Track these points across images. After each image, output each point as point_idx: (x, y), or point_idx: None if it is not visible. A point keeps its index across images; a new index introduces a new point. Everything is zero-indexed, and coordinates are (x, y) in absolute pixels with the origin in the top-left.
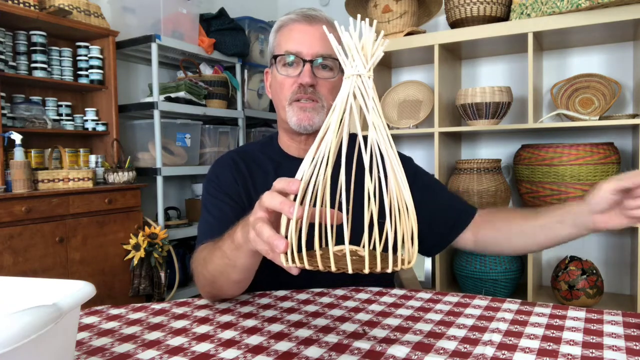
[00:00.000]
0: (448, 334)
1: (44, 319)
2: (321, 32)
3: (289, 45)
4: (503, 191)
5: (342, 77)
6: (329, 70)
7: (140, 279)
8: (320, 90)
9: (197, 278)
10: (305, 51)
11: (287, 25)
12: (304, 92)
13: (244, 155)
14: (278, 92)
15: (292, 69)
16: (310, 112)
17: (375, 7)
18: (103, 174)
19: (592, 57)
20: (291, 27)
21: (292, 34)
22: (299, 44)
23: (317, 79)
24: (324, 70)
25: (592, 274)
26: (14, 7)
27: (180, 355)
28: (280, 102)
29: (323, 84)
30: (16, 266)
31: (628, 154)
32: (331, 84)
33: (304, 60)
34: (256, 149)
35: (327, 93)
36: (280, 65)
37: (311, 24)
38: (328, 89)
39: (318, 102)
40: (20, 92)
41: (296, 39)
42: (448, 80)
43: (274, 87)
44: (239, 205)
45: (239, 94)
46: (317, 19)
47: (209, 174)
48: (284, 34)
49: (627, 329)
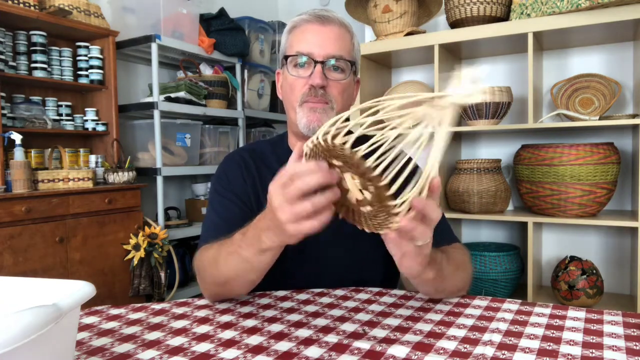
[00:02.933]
0: (448, 334)
1: (44, 319)
2: (334, 33)
3: (300, 46)
4: (503, 191)
5: (352, 80)
6: (341, 72)
7: (140, 279)
8: (331, 92)
9: (203, 278)
10: (317, 52)
11: (300, 25)
12: (315, 94)
13: (253, 154)
14: (289, 93)
15: (303, 70)
16: (320, 113)
17: (375, 7)
18: (103, 174)
19: (592, 57)
20: (304, 28)
21: (304, 35)
22: (310, 44)
23: (328, 80)
24: (335, 72)
25: (592, 274)
26: (14, 7)
27: (180, 355)
28: (290, 104)
29: (334, 86)
30: (16, 266)
31: (628, 154)
32: (342, 85)
33: (315, 61)
34: (266, 148)
35: (338, 95)
36: (291, 66)
37: (324, 24)
38: (339, 91)
39: (328, 103)
40: (20, 92)
41: (308, 40)
42: (448, 80)
43: (285, 88)
44: (246, 206)
45: (239, 94)
46: (329, 20)
47: (218, 171)
48: (296, 34)
49: (627, 329)
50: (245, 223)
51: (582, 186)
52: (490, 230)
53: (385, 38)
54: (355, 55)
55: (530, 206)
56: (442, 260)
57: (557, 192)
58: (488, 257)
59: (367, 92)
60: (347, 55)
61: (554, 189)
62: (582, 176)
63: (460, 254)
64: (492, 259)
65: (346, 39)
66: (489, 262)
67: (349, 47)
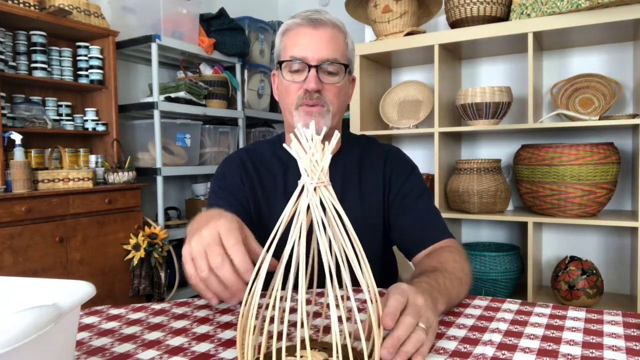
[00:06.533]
0: (448, 334)
1: (44, 319)
2: (327, 35)
3: (294, 50)
4: (503, 191)
5: (347, 81)
6: (335, 75)
7: (140, 279)
8: (326, 95)
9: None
10: (311, 56)
11: (293, 29)
12: (310, 98)
13: (252, 154)
14: (284, 96)
15: (298, 74)
16: (316, 116)
17: (375, 7)
18: (103, 174)
19: (592, 57)
20: (296, 32)
21: (297, 39)
22: (304, 49)
23: (323, 84)
24: (329, 75)
25: (592, 274)
26: (14, 7)
27: (180, 355)
28: (287, 107)
29: (329, 89)
30: (16, 266)
31: (628, 154)
32: (337, 88)
33: (310, 66)
34: (265, 148)
35: (333, 97)
36: (286, 70)
37: (316, 28)
38: (334, 94)
39: (324, 106)
40: (20, 92)
41: (301, 44)
42: (448, 80)
43: (281, 91)
44: (242, 207)
45: (239, 94)
46: (322, 23)
47: (217, 171)
48: (290, 38)
49: (627, 329)
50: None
51: (582, 186)
52: (490, 230)
53: (385, 38)
54: (350, 55)
55: (530, 206)
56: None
57: (557, 192)
58: (488, 257)
59: (367, 92)
60: (341, 57)
61: (554, 189)
62: (582, 176)
63: (457, 259)
64: (492, 259)
65: (339, 41)
66: (489, 262)
67: (343, 48)
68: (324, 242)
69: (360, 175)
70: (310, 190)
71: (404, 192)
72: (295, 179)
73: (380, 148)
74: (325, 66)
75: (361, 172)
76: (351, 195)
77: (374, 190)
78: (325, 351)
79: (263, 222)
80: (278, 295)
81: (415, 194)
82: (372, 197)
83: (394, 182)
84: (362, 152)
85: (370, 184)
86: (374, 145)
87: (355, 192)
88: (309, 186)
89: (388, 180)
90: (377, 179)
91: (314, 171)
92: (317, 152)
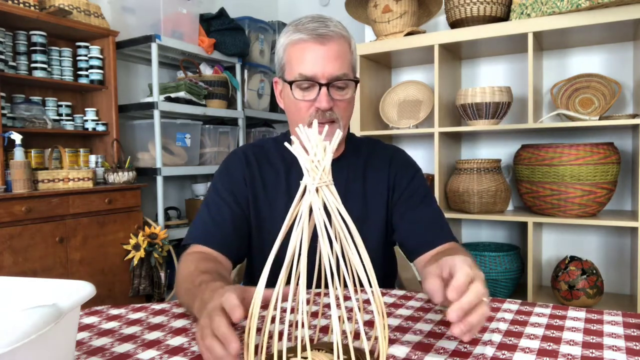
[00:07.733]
0: (448, 334)
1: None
2: (334, 51)
3: (302, 67)
4: (503, 191)
5: (354, 88)
6: (345, 89)
7: (140, 279)
8: (337, 111)
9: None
10: (320, 74)
11: (298, 44)
12: (322, 117)
13: (258, 151)
14: (294, 111)
15: (308, 92)
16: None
17: (375, 7)
18: (103, 174)
19: (592, 57)
20: (303, 47)
21: (304, 55)
22: (312, 66)
23: (333, 100)
24: (339, 91)
25: (592, 274)
26: (14, 7)
27: (180, 355)
28: (296, 122)
29: (339, 104)
30: (16, 266)
31: (628, 154)
32: (347, 101)
33: (320, 84)
34: (271, 145)
35: (344, 111)
36: (295, 88)
37: (324, 43)
38: (344, 107)
39: (335, 122)
40: (20, 92)
41: (309, 61)
42: (448, 80)
43: (289, 105)
44: (240, 208)
45: (239, 94)
46: (328, 37)
47: (221, 166)
48: (295, 53)
49: (627, 329)
50: (234, 226)
51: (582, 186)
52: (490, 230)
53: (385, 38)
54: (354, 62)
55: (530, 206)
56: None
57: (557, 192)
58: (488, 257)
59: (367, 92)
60: (350, 70)
61: (554, 189)
62: (582, 176)
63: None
64: (492, 259)
65: (346, 53)
66: (489, 262)
67: (350, 60)
68: (325, 242)
69: (365, 177)
70: (312, 191)
71: (408, 193)
72: (298, 179)
73: (385, 150)
74: (336, 83)
75: (365, 173)
76: (354, 195)
77: (378, 191)
78: (331, 352)
79: (262, 221)
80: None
81: (420, 196)
82: (375, 198)
83: (398, 184)
84: (367, 153)
85: (374, 185)
86: (379, 147)
87: (359, 192)
88: (310, 186)
89: (392, 182)
90: (381, 180)
91: (315, 171)
92: (319, 152)
